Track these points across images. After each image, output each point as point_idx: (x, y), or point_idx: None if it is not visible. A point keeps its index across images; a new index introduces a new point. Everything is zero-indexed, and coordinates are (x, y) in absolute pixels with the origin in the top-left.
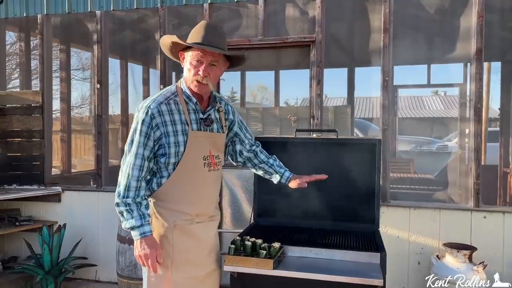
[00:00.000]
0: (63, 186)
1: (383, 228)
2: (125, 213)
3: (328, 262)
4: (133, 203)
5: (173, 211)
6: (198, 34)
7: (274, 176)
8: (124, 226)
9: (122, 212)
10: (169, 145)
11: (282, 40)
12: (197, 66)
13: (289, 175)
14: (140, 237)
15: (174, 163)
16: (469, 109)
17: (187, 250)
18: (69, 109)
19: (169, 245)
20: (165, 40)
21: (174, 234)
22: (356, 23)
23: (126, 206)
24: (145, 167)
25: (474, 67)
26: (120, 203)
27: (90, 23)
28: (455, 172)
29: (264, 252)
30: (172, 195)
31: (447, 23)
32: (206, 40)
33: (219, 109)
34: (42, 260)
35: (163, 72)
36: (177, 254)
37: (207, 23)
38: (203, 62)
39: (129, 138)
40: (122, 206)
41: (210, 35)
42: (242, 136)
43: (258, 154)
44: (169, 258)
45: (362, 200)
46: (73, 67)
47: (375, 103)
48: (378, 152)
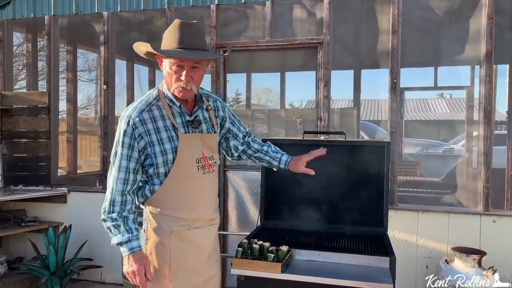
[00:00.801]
0: (69, 187)
1: (390, 231)
2: (112, 229)
3: (336, 266)
4: (119, 217)
5: (169, 217)
6: (173, 37)
7: (273, 163)
8: (112, 242)
9: (109, 227)
10: (155, 155)
11: (290, 42)
12: (178, 71)
13: (287, 158)
14: (128, 253)
15: (164, 172)
16: (479, 111)
17: (185, 257)
18: (75, 110)
19: (166, 253)
20: (139, 47)
21: (171, 240)
22: (364, 25)
23: (112, 221)
24: (130, 180)
25: (484, 69)
26: (107, 219)
27: (97, 24)
28: (463, 176)
29: (272, 255)
30: (166, 202)
31: (455, 25)
32: (183, 43)
33: (207, 107)
34: (47, 261)
35: None
36: (175, 262)
37: (181, 22)
38: (184, 67)
39: (113, 149)
40: (109, 222)
41: (186, 36)
42: (236, 130)
43: (251, 144)
44: (167, 266)
45: (370, 203)
46: (79, 68)
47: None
48: (387, 154)
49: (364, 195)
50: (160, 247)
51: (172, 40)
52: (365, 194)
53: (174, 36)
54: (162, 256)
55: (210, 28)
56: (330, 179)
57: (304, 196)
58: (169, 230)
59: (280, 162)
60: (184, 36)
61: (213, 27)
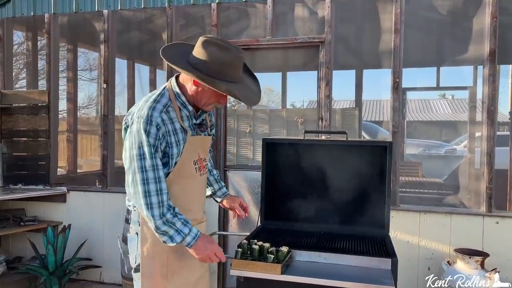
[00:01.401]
0: (68, 187)
1: (392, 232)
2: (170, 231)
3: (337, 267)
4: (171, 216)
5: None
6: (234, 72)
7: (214, 185)
8: (174, 243)
9: (165, 232)
10: (172, 156)
11: (291, 41)
12: (223, 97)
13: (226, 191)
14: (196, 240)
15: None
16: (482, 112)
17: (181, 255)
18: (76, 109)
19: (164, 253)
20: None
21: None
22: (366, 24)
23: (167, 224)
24: (162, 177)
25: (488, 69)
26: (161, 225)
27: (97, 23)
28: (465, 176)
29: (272, 256)
30: None
31: (458, 24)
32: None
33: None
34: (46, 260)
35: (169, 72)
36: (173, 261)
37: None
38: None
39: (133, 151)
40: (165, 226)
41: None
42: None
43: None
44: (165, 266)
45: (372, 203)
46: (80, 68)
47: (383, 106)
48: (389, 154)
49: (365, 196)
50: (158, 248)
51: (230, 72)
52: (367, 194)
53: (236, 71)
54: (160, 257)
55: (210, 27)
56: (331, 180)
57: (305, 196)
58: None
59: (220, 189)
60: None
61: (214, 25)
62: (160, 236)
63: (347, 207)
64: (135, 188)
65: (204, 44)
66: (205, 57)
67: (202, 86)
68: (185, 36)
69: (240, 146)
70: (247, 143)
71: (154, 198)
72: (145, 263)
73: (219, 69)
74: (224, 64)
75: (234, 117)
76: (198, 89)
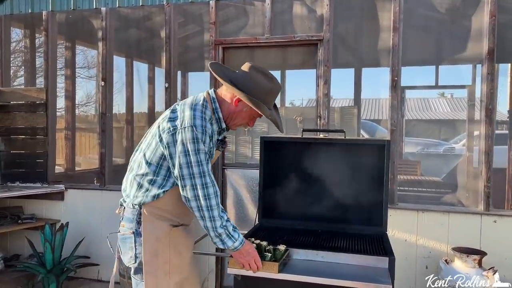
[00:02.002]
0: (66, 184)
1: (390, 231)
2: (223, 235)
3: (334, 266)
4: (226, 220)
5: (165, 217)
6: (272, 99)
7: None
8: (224, 247)
9: (220, 234)
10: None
11: (290, 39)
12: (253, 119)
13: None
14: (242, 245)
15: None
16: (480, 110)
17: (180, 252)
18: (74, 107)
19: (167, 250)
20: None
21: (171, 236)
22: (365, 22)
23: (223, 227)
24: (214, 181)
25: (486, 67)
26: (219, 227)
27: (95, 20)
28: (463, 175)
29: (269, 255)
30: (167, 205)
31: (457, 23)
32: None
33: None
34: (44, 258)
35: (168, 70)
36: (174, 257)
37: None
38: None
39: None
40: (221, 229)
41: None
42: None
43: None
44: (167, 264)
45: (369, 202)
46: (79, 65)
47: (382, 105)
48: (387, 153)
49: (363, 194)
50: (161, 245)
51: (270, 100)
52: (365, 193)
53: (273, 100)
54: (163, 254)
55: (209, 25)
56: (329, 178)
57: (303, 194)
58: (168, 228)
59: None
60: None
61: (212, 23)
62: (214, 237)
63: (345, 205)
64: (195, 192)
65: (251, 70)
66: (252, 82)
67: (242, 106)
68: (184, 34)
69: (239, 145)
70: (246, 141)
71: (213, 201)
72: (148, 260)
73: (264, 95)
74: (267, 92)
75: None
76: (237, 108)
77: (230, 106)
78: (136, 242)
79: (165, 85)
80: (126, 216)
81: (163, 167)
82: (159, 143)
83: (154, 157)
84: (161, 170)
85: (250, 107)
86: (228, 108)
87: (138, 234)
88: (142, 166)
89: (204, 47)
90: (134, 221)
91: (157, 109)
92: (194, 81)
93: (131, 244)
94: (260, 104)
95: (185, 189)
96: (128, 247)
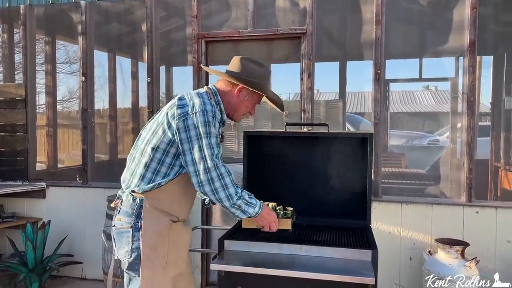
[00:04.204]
0: (48, 182)
1: (374, 223)
2: (242, 205)
3: (318, 259)
4: (240, 190)
5: (165, 213)
6: (268, 83)
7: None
8: (247, 215)
9: (239, 206)
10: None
11: (273, 32)
12: (254, 106)
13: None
14: (261, 209)
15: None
16: (462, 102)
17: (177, 247)
18: (55, 103)
19: (165, 244)
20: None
21: (170, 231)
22: (348, 15)
23: (240, 198)
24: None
25: (468, 59)
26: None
27: (74, 14)
28: (447, 167)
29: (281, 212)
30: (169, 198)
31: (439, 15)
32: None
33: None
34: (25, 257)
35: (150, 65)
36: (171, 251)
37: (270, 71)
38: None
39: (200, 141)
40: (239, 200)
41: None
42: None
43: None
44: (165, 257)
45: (353, 195)
46: (61, 61)
47: (367, 98)
48: (370, 146)
49: (347, 188)
50: (160, 238)
51: (266, 83)
52: (349, 186)
53: (268, 82)
54: (161, 247)
55: (191, 18)
56: (313, 171)
57: (286, 188)
58: (169, 223)
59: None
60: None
61: (194, 16)
62: (234, 211)
63: (329, 199)
64: (208, 175)
65: (242, 60)
66: (247, 71)
67: (244, 95)
68: (167, 28)
69: (225, 139)
70: (232, 136)
71: (227, 179)
72: (147, 253)
73: (261, 80)
74: (263, 76)
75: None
76: (239, 98)
77: (233, 97)
78: (134, 237)
79: (147, 79)
80: (124, 209)
81: (169, 155)
82: (167, 130)
83: (161, 144)
84: (167, 158)
85: (251, 95)
86: (230, 100)
87: (136, 229)
88: (146, 154)
89: (188, 41)
90: (133, 215)
91: (141, 104)
92: (178, 76)
93: (128, 239)
94: (263, 86)
95: (198, 174)
96: (124, 241)
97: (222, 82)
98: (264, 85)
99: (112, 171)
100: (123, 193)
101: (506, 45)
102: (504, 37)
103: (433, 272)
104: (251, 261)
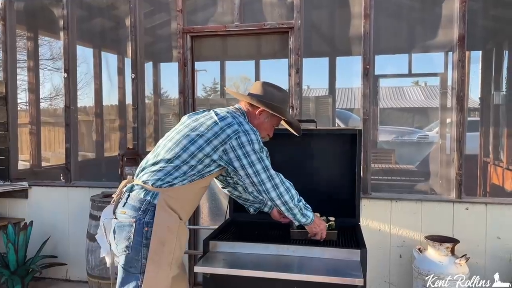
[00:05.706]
0: (30, 182)
1: (364, 221)
2: (303, 209)
3: (306, 260)
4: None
5: (176, 212)
6: (287, 107)
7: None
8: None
9: (301, 207)
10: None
11: (260, 27)
12: (272, 129)
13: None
14: (313, 217)
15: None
16: (451, 98)
17: (181, 246)
18: (38, 100)
19: (173, 241)
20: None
21: (180, 228)
22: (337, 9)
23: (301, 200)
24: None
25: (457, 54)
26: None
27: (56, 9)
28: (436, 163)
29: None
30: (184, 199)
31: (428, 10)
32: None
33: None
34: (7, 259)
35: (134, 61)
36: (177, 250)
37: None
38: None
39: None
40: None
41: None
42: None
43: None
44: (171, 254)
45: (342, 193)
46: (45, 57)
47: (356, 93)
48: (358, 143)
49: (336, 185)
50: (170, 235)
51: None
52: (337, 183)
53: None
54: (169, 244)
55: (176, 12)
56: (301, 169)
57: None
58: (178, 221)
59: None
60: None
61: (179, 11)
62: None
63: (318, 196)
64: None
65: (264, 85)
66: (269, 95)
67: (264, 118)
68: (152, 23)
69: None
70: None
71: (287, 183)
72: (155, 249)
73: (281, 104)
74: (282, 101)
75: (208, 106)
76: (260, 120)
77: (254, 119)
78: (136, 232)
79: (131, 76)
80: (131, 203)
81: (195, 157)
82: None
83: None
84: (192, 161)
85: (270, 118)
86: (253, 121)
87: (140, 224)
88: (173, 152)
89: (173, 36)
90: (140, 210)
91: (128, 101)
92: (166, 72)
93: (129, 234)
94: (284, 110)
95: (263, 183)
96: (124, 236)
97: (242, 104)
98: (284, 109)
99: (98, 170)
100: (133, 186)
101: (495, 40)
102: (493, 32)
103: (423, 270)
104: (237, 262)
